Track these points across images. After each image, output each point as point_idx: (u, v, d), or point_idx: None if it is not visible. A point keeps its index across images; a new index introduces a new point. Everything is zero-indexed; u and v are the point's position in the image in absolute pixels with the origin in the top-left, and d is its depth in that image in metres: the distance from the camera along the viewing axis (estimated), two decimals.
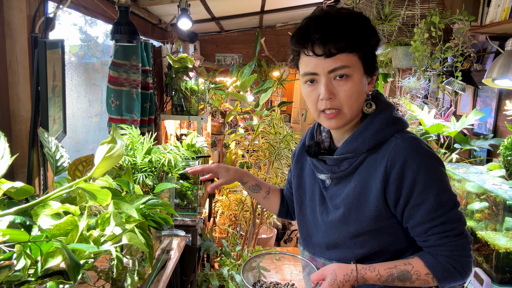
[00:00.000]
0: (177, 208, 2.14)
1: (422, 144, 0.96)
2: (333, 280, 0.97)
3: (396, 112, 1.03)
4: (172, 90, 2.89)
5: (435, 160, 0.94)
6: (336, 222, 1.03)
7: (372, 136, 0.97)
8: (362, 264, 0.98)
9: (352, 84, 0.93)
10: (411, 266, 0.96)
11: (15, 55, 1.32)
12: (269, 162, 3.30)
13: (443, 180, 0.94)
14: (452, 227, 0.93)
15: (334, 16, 0.92)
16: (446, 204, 0.93)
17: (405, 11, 2.44)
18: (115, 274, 1.00)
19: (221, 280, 2.54)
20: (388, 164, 0.94)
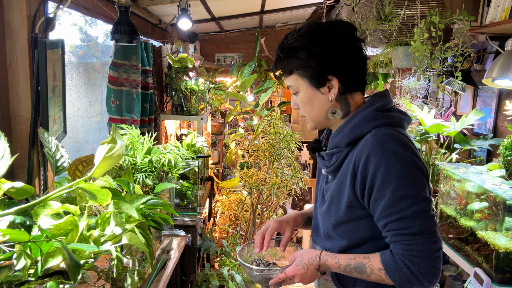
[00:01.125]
0: (177, 208, 2.14)
1: (394, 140, 0.97)
2: (299, 261, 1.09)
3: (385, 107, 1.06)
4: (172, 90, 2.89)
5: (400, 158, 0.95)
6: (324, 213, 1.12)
7: (350, 131, 1.04)
8: (328, 252, 1.07)
9: (301, 98, 1.10)
10: (368, 260, 1.00)
11: (15, 55, 1.32)
12: (269, 162, 3.30)
13: (404, 177, 0.93)
14: (408, 226, 0.93)
15: (279, 48, 1.09)
16: (403, 201, 0.93)
17: (405, 11, 2.44)
18: (115, 274, 1.00)
19: (221, 280, 2.54)
20: (357, 157, 1.00)
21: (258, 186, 3.30)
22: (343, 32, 1.05)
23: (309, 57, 1.03)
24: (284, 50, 1.07)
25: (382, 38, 2.63)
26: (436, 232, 0.95)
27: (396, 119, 1.05)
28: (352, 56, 1.06)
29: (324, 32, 1.03)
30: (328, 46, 1.02)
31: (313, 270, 1.07)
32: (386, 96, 1.10)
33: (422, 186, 0.95)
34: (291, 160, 3.32)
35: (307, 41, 1.03)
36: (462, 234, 1.88)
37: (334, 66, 1.03)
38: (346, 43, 1.04)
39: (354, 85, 1.08)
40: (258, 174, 3.36)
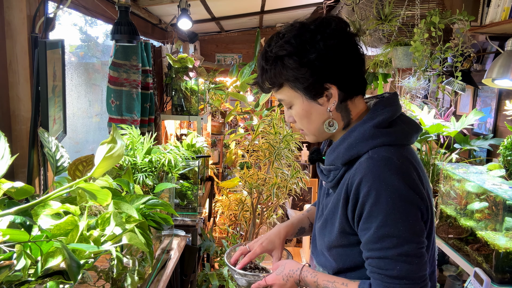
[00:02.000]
0: (177, 208, 2.14)
1: (389, 168, 0.86)
2: (280, 271, 1.04)
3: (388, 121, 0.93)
4: (172, 90, 2.89)
5: (393, 190, 0.84)
6: (320, 231, 1.04)
7: (346, 150, 0.93)
8: (310, 268, 1.02)
9: (296, 111, 0.97)
10: (346, 287, 0.93)
11: (15, 55, 1.32)
12: (269, 162, 3.30)
13: (393, 214, 0.84)
14: (388, 267, 0.85)
15: (263, 58, 0.95)
16: (387, 240, 0.85)
17: (405, 11, 2.44)
18: (115, 274, 1.00)
19: (221, 280, 2.54)
20: (349, 181, 0.91)
21: (258, 186, 3.30)
22: (336, 31, 0.91)
23: (301, 66, 0.89)
24: (269, 60, 0.93)
25: (382, 38, 2.63)
26: (420, 278, 0.85)
27: (400, 135, 0.92)
28: (350, 57, 0.92)
29: (313, 34, 0.89)
30: (321, 50, 0.88)
31: (292, 283, 1.02)
32: (392, 104, 0.96)
33: (413, 225, 0.85)
34: (291, 160, 3.32)
35: (294, 48, 0.89)
36: (462, 234, 1.88)
37: (331, 72, 0.90)
38: (341, 43, 0.90)
39: (355, 89, 0.96)
40: (258, 174, 3.36)
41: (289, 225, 1.21)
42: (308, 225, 1.26)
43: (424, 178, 0.93)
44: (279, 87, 0.95)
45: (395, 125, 0.93)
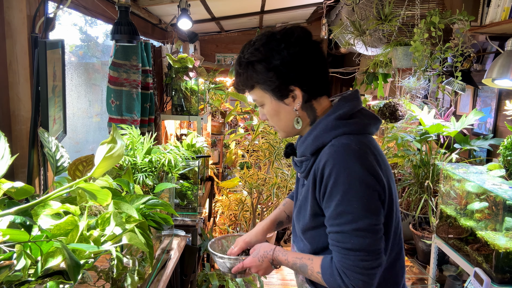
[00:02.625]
0: (177, 208, 2.14)
1: (348, 153, 0.96)
2: (256, 254, 1.15)
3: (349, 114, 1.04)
4: (172, 90, 2.89)
5: (350, 172, 0.94)
6: (295, 217, 1.15)
7: (312, 141, 1.04)
8: (282, 248, 1.14)
9: (267, 110, 1.10)
10: (311, 261, 1.05)
11: (15, 55, 1.32)
12: (269, 162, 3.30)
13: (349, 193, 0.94)
14: (344, 241, 0.95)
15: (237, 63, 1.08)
16: (343, 217, 0.95)
17: (405, 11, 2.44)
18: (115, 274, 1.00)
19: (221, 280, 2.54)
20: (316, 167, 1.01)
21: (258, 186, 3.30)
22: (298, 39, 1.02)
23: (268, 70, 1.01)
24: (242, 65, 1.06)
25: (382, 38, 2.63)
26: (374, 251, 0.95)
27: (359, 126, 1.03)
28: (312, 62, 1.03)
29: (278, 42, 1.01)
30: (285, 56, 1.00)
31: (267, 263, 1.14)
32: (353, 100, 1.07)
33: (367, 203, 0.94)
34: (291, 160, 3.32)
35: (262, 55, 1.01)
36: (462, 234, 1.88)
37: (294, 76, 1.02)
38: (303, 50, 1.02)
39: (318, 91, 1.07)
40: (258, 174, 3.36)
41: (269, 222, 1.34)
42: (285, 218, 1.37)
43: (383, 163, 1.03)
44: (251, 88, 1.08)
45: (355, 117, 1.05)
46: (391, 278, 1.08)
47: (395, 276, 1.09)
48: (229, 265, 1.21)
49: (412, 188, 2.54)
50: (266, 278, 2.96)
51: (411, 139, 2.54)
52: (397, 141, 2.62)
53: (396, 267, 1.09)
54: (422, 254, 2.47)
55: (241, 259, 1.19)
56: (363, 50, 3.08)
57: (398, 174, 3.09)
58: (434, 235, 2.09)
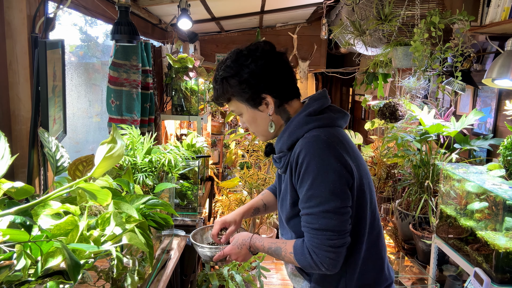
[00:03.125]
0: (177, 208, 2.14)
1: (318, 143, 1.07)
2: (235, 242, 1.26)
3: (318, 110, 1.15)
4: (172, 90, 2.89)
5: (319, 160, 1.05)
6: (279, 210, 1.26)
7: (288, 138, 1.15)
8: (259, 236, 1.25)
9: (245, 119, 1.22)
10: (285, 245, 1.16)
11: (15, 55, 1.32)
12: (269, 162, 3.30)
13: (318, 178, 1.05)
14: (313, 222, 1.07)
15: (214, 80, 1.20)
16: (312, 200, 1.06)
17: (405, 11, 2.44)
18: (115, 274, 1.00)
19: (221, 280, 2.54)
20: (292, 158, 1.13)
21: (258, 186, 3.30)
22: (263, 52, 1.14)
23: (240, 83, 1.14)
24: (217, 81, 1.18)
25: (382, 38, 2.63)
26: (340, 231, 1.06)
27: (328, 120, 1.14)
28: (278, 71, 1.15)
29: (246, 58, 1.13)
30: (253, 69, 1.13)
31: (246, 250, 1.24)
32: (321, 98, 1.18)
33: (335, 188, 1.05)
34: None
35: (234, 70, 1.14)
36: (462, 234, 1.88)
37: (264, 85, 1.14)
38: (268, 62, 1.14)
39: (288, 95, 1.18)
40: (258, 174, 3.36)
41: (246, 207, 1.47)
42: (261, 206, 1.49)
43: (352, 151, 1.13)
44: (228, 101, 1.21)
45: (324, 113, 1.16)
46: (376, 254, 1.20)
47: (379, 252, 1.21)
48: (210, 254, 1.30)
49: (412, 188, 2.54)
50: (266, 278, 2.96)
51: (411, 139, 2.54)
52: (397, 141, 2.62)
53: (379, 244, 1.20)
54: (422, 254, 2.47)
55: (221, 248, 1.28)
56: (363, 50, 3.08)
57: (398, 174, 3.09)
58: (434, 235, 2.09)
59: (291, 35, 5.14)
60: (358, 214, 1.14)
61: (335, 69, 5.31)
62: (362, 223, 1.15)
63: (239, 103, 1.19)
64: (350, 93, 6.10)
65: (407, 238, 2.67)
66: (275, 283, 3.40)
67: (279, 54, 1.18)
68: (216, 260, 1.29)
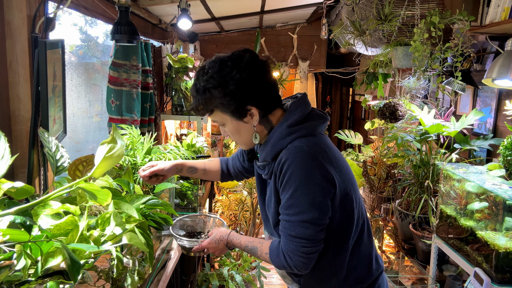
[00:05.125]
0: (177, 208, 2.14)
1: (300, 154, 1.09)
2: (213, 237, 1.31)
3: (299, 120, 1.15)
4: (172, 90, 2.89)
5: (301, 171, 1.08)
6: (266, 214, 1.29)
7: (271, 149, 1.16)
8: (236, 233, 1.29)
9: (229, 129, 1.21)
10: (261, 245, 1.21)
11: (15, 55, 1.32)
12: None
13: (299, 189, 1.08)
14: (290, 228, 1.11)
15: (194, 89, 1.17)
16: (292, 208, 1.10)
17: (405, 11, 2.44)
18: (115, 274, 1.00)
19: (221, 280, 2.54)
20: (276, 168, 1.14)
21: None
22: (248, 63, 1.12)
23: (224, 95, 1.11)
24: (199, 92, 1.15)
25: (382, 38, 2.63)
26: (314, 240, 1.10)
27: (309, 129, 1.15)
28: (263, 81, 1.14)
29: (231, 69, 1.11)
30: (238, 81, 1.10)
31: (223, 246, 1.29)
32: (302, 105, 1.18)
33: (314, 200, 1.08)
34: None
35: (217, 81, 1.11)
36: (462, 234, 1.88)
37: (249, 97, 1.12)
38: (253, 72, 1.12)
39: (272, 105, 1.18)
40: None
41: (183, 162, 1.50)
42: (201, 169, 1.52)
43: (334, 158, 1.15)
44: (211, 112, 1.18)
45: (306, 121, 1.17)
46: (363, 247, 1.23)
47: (366, 245, 1.24)
48: (188, 246, 1.36)
49: (412, 188, 2.54)
50: (266, 278, 2.96)
51: (411, 139, 2.54)
52: (397, 141, 2.62)
53: (363, 239, 1.24)
54: (422, 254, 2.47)
55: (199, 241, 1.34)
56: (363, 50, 3.08)
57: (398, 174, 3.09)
58: (434, 235, 2.09)
59: (291, 35, 5.14)
60: (346, 215, 1.17)
61: (335, 69, 5.31)
62: (351, 223, 1.19)
63: (222, 115, 1.17)
64: (350, 93, 6.09)
65: (407, 238, 2.67)
66: (275, 283, 3.40)
67: (263, 63, 1.17)
68: (194, 251, 1.34)
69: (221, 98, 1.12)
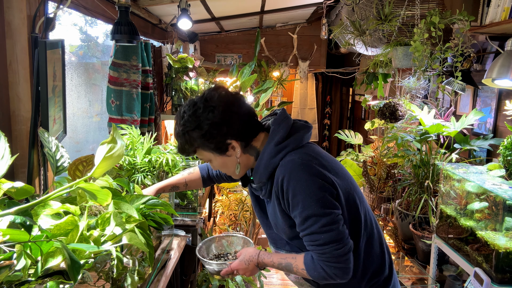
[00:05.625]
0: (177, 208, 2.13)
1: (296, 167, 1.12)
2: (242, 258, 1.30)
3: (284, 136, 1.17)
4: (172, 90, 2.89)
5: (302, 182, 1.10)
6: (276, 234, 1.30)
7: (264, 169, 1.18)
8: (266, 252, 1.28)
9: (215, 164, 1.24)
10: (295, 260, 1.20)
11: (15, 55, 1.32)
12: None
13: (307, 199, 1.09)
14: (316, 239, 1.11)
15: (176, 134, 1.21)
16: (309, 220, 1.10)
17: (405, 11, 2.44)
18: (115, 274, 1.00)
19: (221, 280, 2.54)
20: (275, 186, 1.16)
21: None
22: (219, 101, 1.14)
23: (202, 136, 1.15)
24: (180, 135, 1.19)
25: (382, 38, 2.63)
26: (341, 239, 1.10)
27: (296, 141, 1.18)
28: (238, 114, 1.16)
29: (202, 110, 1.14)
30: (212, 120, 1.13)
31: (253, 266, 1.28)
32: (283, 120, 1.20)
33: (324, 203, 1.09)
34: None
35: (193, 124, 1.15)
36: (462, 234, 1.88)
37: (226, 133, 1.15)
38: (226, 108, 1.14)
39: (251, 134, 1.20)
40: None
41: (164, 184, 1.51)
42: (182, 185, 1.53)
43: (327, 163, 1.17)
44: (195, 151, 1.21)
45: (291, 135, 1.19)
46: (375, 243, 1.24)
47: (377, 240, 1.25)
48: (217, 269, 1.35)
49: (412, 188, 2.54)
50: (266, 278, 2.96)
51: (411, 139, 2.54)
52: (397, 141, 2.62)
53: (374, 235, 1.24)
54: (422, 254, 2.47)
55: (228, 264, 1.32)
56: (363, 50, 3.08)
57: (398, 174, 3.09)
58: (434, 235, 2.09)
59: (291, 35, 5.13)
60: (352, 215, 1.18)
61: (335, 69, 5.31)
62: (359, 224, 1.19)
63: (206, 152, 1.20)
64: (350, 93, 6.09)
65: (407, 238, 2.67)
66: (275, 283, 3.40)
67: (235, 96, 1.19)
68: (223, 275, 1.33)
69: (200, 138, 1.15)
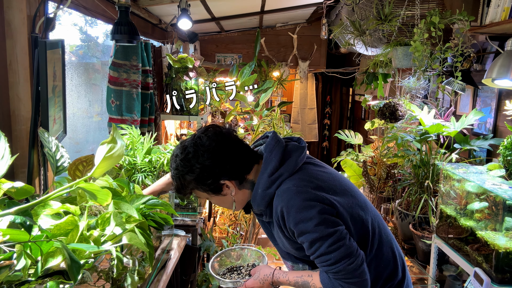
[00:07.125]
0: (177, 208, 2.13)
1: (291, 196, 1.12)
2: (257, 276, 1.30)
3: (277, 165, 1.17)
4: (172, 90, 2.89)
5: (300, 210, 1.10)
6: (287, 252, 1.31)
7: (261, 200, 1.18)
8: (280, 270, 1.28)
9: (213, 202, 1.28)
10: (311, 278, 1.20)
11: (15, 55, 1.32)
12: None
13: (309, 225, 1.10)
14: (327, 259, 1.11)
15: (171, 175, 1.21)
16: (316, 244, 1.11)
17: (405, 11, 2.44)
18: (115, 274, 1.00)
19: None
20: (275, 215, 1.17)
21: None
22: (208, 143, 1.15)
23: (195, 179, 1.16)
24: (174, 178, 1.20)
25: (382, 38, 2.63)
26: (351, 253, 1.10)
27: (290, 168, 1.18)
28: (228, 154, 1.16)
29: (193, 155, 1.14)
30: (203, 164, 1.14)
31: (268, 285, 1.28)
32: (275, 147, 1.20)
33: (326, 224, 1.10)
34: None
35: (185, 168, 1.16)
36: (462, 234, 1.88)
37: (219, 172, 1.15)
38: (216, 150, 1.15)
39: (244, 170, 1.20)
40: None
41: (151, 192, 1.51)
42: (170, 188, 1.54)
43: (323, 183, 1.17)
44: (191, 192, 1.23)
45: (284, 162, 1.19)
46: (385, 250, 1.24)
47: (387, 247, 1.24)
48: (232, 286, 1.34)
49: (412, 188, 2.54)
50: None
51: (411, 139, 2.54)
52: (397, 141, 2.62)
53: (383, 243, 1.23)
54: (422, 254, 2.47)
55: (242, 282, 1.32)
56: (363, 50, 3.08)
57: (398, 174, 3.09)
58: (434, 235, 2.09)
59: (291, 35, 5.13)
60: (358, 228, 1.17)
61: (335, 69, 5.31)
62: (366, 234, 1.19)
63: (201, 193, 1.22)
64: (350, 93, 6.09)
65: (407, 238, 2.67)
66: None
67: (226, 135, 1.19)
68: None
69: (193, 181, 1.17)
